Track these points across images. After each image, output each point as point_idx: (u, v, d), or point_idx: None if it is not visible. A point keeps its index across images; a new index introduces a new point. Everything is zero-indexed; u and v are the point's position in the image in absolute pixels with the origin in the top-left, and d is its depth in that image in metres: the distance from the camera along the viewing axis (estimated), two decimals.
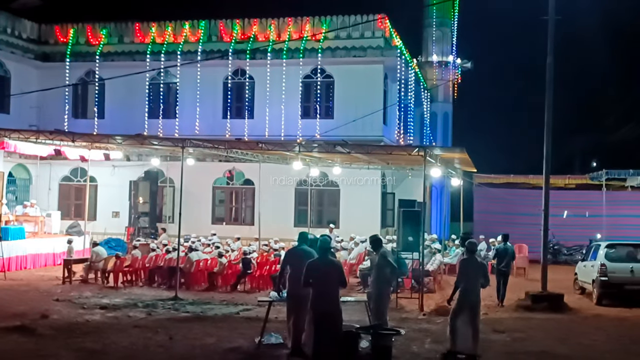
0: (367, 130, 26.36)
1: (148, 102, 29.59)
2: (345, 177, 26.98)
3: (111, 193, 28.76)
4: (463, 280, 11.25)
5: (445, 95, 41.39)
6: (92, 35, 30.54)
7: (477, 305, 11.38)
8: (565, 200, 28.88)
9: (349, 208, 27.36)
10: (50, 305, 15.29)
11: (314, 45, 28.15)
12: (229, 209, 29.36)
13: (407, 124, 32.27)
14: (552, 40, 17.54)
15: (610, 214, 27.60)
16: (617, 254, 18.22)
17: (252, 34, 28.92)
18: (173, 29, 29.73)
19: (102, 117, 29.95)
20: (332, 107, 28.17)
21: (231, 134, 27.71)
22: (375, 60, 27.84)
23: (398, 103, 30.24)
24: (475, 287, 11.33)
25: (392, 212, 28.37)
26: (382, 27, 28.13)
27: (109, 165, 27.99)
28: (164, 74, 29.43)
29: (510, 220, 27.81)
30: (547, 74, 17.62)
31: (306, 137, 26.27)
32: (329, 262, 10.19)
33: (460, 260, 11.55)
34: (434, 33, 40.83)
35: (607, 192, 28.92)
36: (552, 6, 17.44)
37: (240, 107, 29.03)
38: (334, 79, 28.18)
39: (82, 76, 30.55)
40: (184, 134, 27.12)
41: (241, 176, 28.86)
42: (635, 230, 26.81)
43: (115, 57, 30.17)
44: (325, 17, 28.63)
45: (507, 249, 18.12)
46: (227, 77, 28.99)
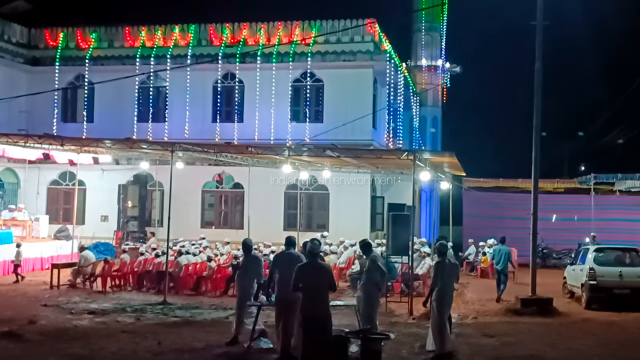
0: (357, 134, 26.39)
1: (137, 106, 29.52)
2: (335, 180, 27.00)
3: (100, 197, 28.64)
4: (439, 282, 11.61)
5: (434, 100, 41.52)
6: (82, 39, 30.44)
7: (451, 304, 12.08)
8: (554, 204, 29.01)
9: (338, 212, 27.36)
10: (38, 311, 15.20)
11: (304, 50, 28.18)
12: (218, 212, 29.30)
13: (397, 128, 32.34)
14: (541, 45, 17.64)
15: (599, 218, 27.74)
16: (606, 258, 18.31)
17: (242, 38, 28.92)
18: (163, 33, 29.67)
19: (92, 121, 29.83)
20: (322, 111, 28.18)
21: (221, 138, 27.67)
22: (365, 65, 27.88)
23: (387, 107, 30.29)
24: (451, 287, 11.95)
25: (381, 215, 28.40)
26: (372, 31, 28.19)
27: (98, 169, 27.88)
28: (153, 78, 29.36)
29: (500, 224, 27.85)
30: (536, 79, 17.71)
31: (296, 141, 26.27)
32: (318, 266, 10.18)
33: (434, 263, 11.80)
34: (423, 37, 40.96)
35: (595, 196, 29.07)
36: (540, 12, 17.55)
37: (229, 110, 29.00)
38: (323, 83, 28.20)
39: (71, 80, 30.44)
40: (174, 137, 27.09)
41: (230, 180, 28.81)
42: (623, 234, 26.95)
43: (105, 61, 30.09)
44: (315, 22, 28.66)
45: (501, 250, 19.27)
46: (217, 81, 28.97)
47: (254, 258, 12.53)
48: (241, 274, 12.53)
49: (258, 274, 12.19)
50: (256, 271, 12.18)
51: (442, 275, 11.68)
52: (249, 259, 12.44)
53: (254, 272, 12.18)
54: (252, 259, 12.42)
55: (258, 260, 12.51)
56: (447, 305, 11.77)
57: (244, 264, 12.54)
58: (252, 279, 12.16)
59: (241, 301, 12.16)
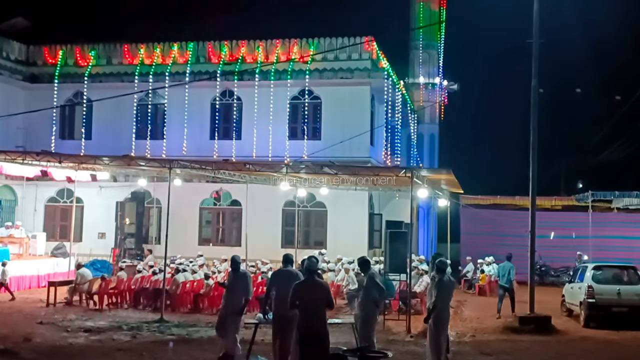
0: (355, 151, 26.42)
1: (136, 123, 29.56)
2: (333, 198, 26.98)
3: (97, 214, 28.59)
4: (440, 299, 11.54)
5: (432, 117, 41.57)
6: (81, 56, 30.54)
7: (449, 322, 12.18)
8: (551, 221, 29.01)
9: (336, 229, 27.32)
10: (34, 328, 15.13)
11: (302, 67, 28.29)
12: (215, 229, 29.26)
13: (394, 145, 32.38)
14: (537, 63, 17.73)
15: (597, 236, 27.71)
16: (604, 276, 18.28)
17: (240, 56, 29.04)
18: (162, 50, 29.78)
19: (90, 138, 29.85)
20: (320, 128, 28.23)
21: (219, 155, 27.69)
22: (363, 82, 27.98)
23: (385, 124, 30.36)
24: (449, 304, 12.04)
25: (379, 233, 28.36)
26: (369, 49, 28.32)
27: (96, 186, 27.85)
28: (152, 95, 29.43)
29: (497, 241, 27.88)
30: (532, 96, 17.79)
31: (293, 158, 26.28)
32: (315, 284, 10.15)
33: (436, 280, 11.73)
34: (421, 55, 41.10)
35: (593, 213, 29.05)
36: (536, 30, 17.66)
37: (227, 128, 29.04)
38: (321, 100, 28.28)
39: (70, 97, 30.49)
40: (172, 154, 27.08)
41: (228, 197, 28.79)
42: (621, 252, 26.92)
43: (104, 78, 30.18)
44: (313, 39, 28.79)
45: (505, 267, 19.48)
46: (215, 98, 29.04)
47: (244, 274, 12.50)
48: (231, 290, 12.37)
49: (247, 290, 12.17)
50: (245, 288, 12.15)
51: (442, 292, 11.60)
52: (238, 275, 12.35)
53: (243, 289, 12.15)
54: (242, 276, 12.36)
55: (247, 277, 12.51)
56: (445, 323, 11.78)
57: (234, 281, 12.36)
58: (241, 295, 12.12)
59: (233, 318, 12.05)
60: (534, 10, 17.71)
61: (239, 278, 12.29)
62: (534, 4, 17.60)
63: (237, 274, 12.37)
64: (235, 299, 12.13)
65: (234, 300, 12.15)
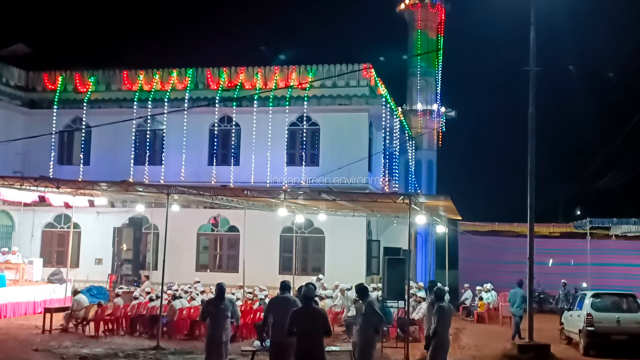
0: (353, 177, 26.47)
1: (134, 148, 29.60)
2: (331, 224, 26.93)
3: (95, 240, 28.51)
4: (440, 326, 11.48)
5: (429, 143, 41.73)
6: (80, 82, 30.68)
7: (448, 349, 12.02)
8: (550, 248, 28.95)
9: (334, 255, 27.24)
10: (29, 355, 14.99)
11: (300, 93, 28.42)
12: (213, 256, 29.16)
13: (392, 172, 32.43)
14: (534, 90, 17.84)
15: (595, 263, 27.65)
16: (603, 304, 18.18)
17: (239, 82, 29.19)
18: (161, 77, 29.93)
19: (88, 163, 29.87)
20: (318, 155, 28.29)
21: (217, 181, 27.71)
22: (361, 109, 28.11)
23: (383, 151, 30.44)
24: (448, 331, 11.88)
25: (377, 259, 28.27)
26: (367, 76, 28.49)
27: (93, 212, 27.81)
28: (150, 121, 29.52)
29: (496, 268, 27.82)
30: (529, 123, 17.86)
31: (291, 184, 26.31)
32: (313, 311, 10.09)
33: (436, 307, 11.65)
34: (419, 82, 41.39)
35: (591, 240, 29.02)
36: (533, 57, 17.79)
37: (226, 154, 29.10)
38: (319, 127, 28.38)
39: (68, 123, 30.57)
40: (170, 180, 27.07)
41: (226, 223, 28.74)
42: (620, 279, 26.84)
43: (103, 104, 30.30)
44: (311, 66, 28.98)
45: (516, 293, 19.56)
46: (214, 124, 29.13)
47: (229, 301, 12.44)
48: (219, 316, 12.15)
49: (236, 316, 12.15)
50: (233, 312, 12.10)
51: (443, 319, 11.53)
52: (225, 301, 12.22)
53: (231, 313, 12.07)
54: (228, 302, 12.28)
55: (233, 302, 12.48)
56: (446, 351, 11.71)
57: (222, 308, 12.17)
58: (229, 322, 12.04)
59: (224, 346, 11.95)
60: (530, 38, 17.86)
61: (226, 304, 12.14)
62: (531, 32, 17.77)
63: (224, 300, 12.21)
64: (225, 324, 12.02)
65: (224, 324, 12.03)
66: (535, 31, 17.74)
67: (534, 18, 17.70)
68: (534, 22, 17.68)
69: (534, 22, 17.68)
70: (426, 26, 41.91)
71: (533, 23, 17.67)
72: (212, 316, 12.07)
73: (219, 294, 12.23)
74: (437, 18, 42.46)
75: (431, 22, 42.17)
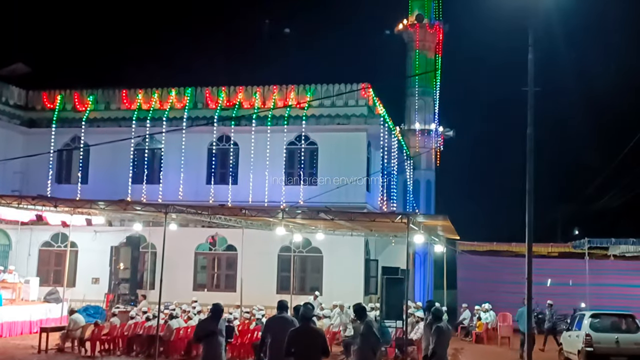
0: (351, 196, 26.46)
1: (132, 167, 29.61)
2: (329, 243, 26.89)
3: (92, 259, 28.42)
4: (439, 346, 11.43)
5: (427, 163, 41.84)
6: (79, 101, 30.74)
7: None
8: (548, 268, 28.84)
9: (332, 275, 27.17)
10: None
11: (299, 113, 28.50)
12: (210, 275, 29.06)
13: (390, 191, 32.44)
14: (532, 111, 17.85)
15: (594, 283, 27.56)
16: (602, 324, 18.11)
17: (238, 101, 29.26)
18: (159, 96, 30.01)
19: (86, 182, 29.86)
20: (316, 174, 28.31)
21: (215, 200, 27.69)
22: (359, 128, 28.18)
23: (381, 170, 30.47)
24: (446, 352, 11.81)
25: (375, 279, 28.18)
26: (366, 95, 28.59)
27: (91, 231, 27.75)
28: (149, 140, 29.55)
29: (494, 288, 27.68)
30: (528, 143, 17.86)
31: (290, 203, 26.28)
32: (311, 331, 10.03)
33: (435, 327, 11.59)
34: (417, 102, 41.58)
35: (589, 260, 28.94)
36: (531, 78, 17.84)
37: (224, 173, 29.11)
38: (317, 146, 28.43)
39: (67, 142, 30.61)
40: (168, 199, 27.05)
41: (224, 242, 28.68)
42: (618, 300, 26.73)
43: (101, 123, 30.35)
44: (310, 86, 29.08)
45: (523, 312, 19.14)
46: (212, 143, 29.17)
47: (224, 321, 12.38)
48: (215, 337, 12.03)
49: (230, 334, 12.08)
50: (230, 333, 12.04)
51: (441, 339, 11.50)
52: (221, 322, 12.13)
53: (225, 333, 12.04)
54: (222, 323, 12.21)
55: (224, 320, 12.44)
56: None
57: (219, 329, 12.08)
58: (224, 343, 11.97)
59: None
60: (528, 60, 17.93)
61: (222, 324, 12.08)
62: (529, 54, 17.83)
63: (220, 320, 12.12)
64: (221, 347, 11.94)
65: (220, 348, 11.95)
66: (534, 52, 17.81)
67: (532, 39, 17.78)
68: (532, 44, 17.75)
69: (532, 44, 17.75)
70: (424, 46, 42.22)
71: (531, 44, 17.74)
72: (208, 337, 11.97)
73: (215, 315, 12.15)
74: (435, 38, 42.75)
75: (429, 42, 42.48)
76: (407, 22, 42.74)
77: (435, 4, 43.48)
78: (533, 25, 17.86)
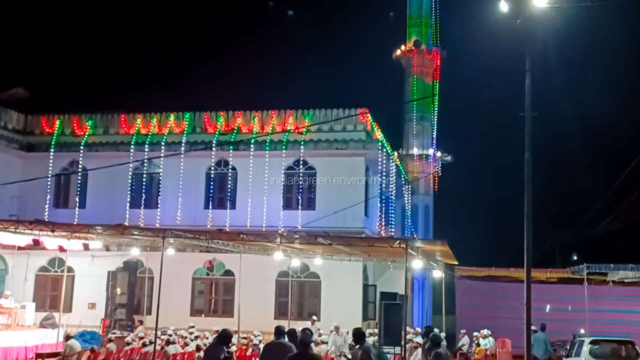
0: (349, 221, 26.40)
1: (130, 192, 29.57)
2: (327, 268, 26.78)
3: (89, 284, 28.26)
4: None
5: (426, 188, 41.84)
6: (78, 126, 30.77)
7: None
8: (547, 294, 28.70)
9: (330, 300, 27.02)
10: None
11: (297, 138, 28.55)
12: (208, 300, 28.90)
13: (389, 216, 32.40)
14: (530, 136, 17.90)
15: (593, 309, 27.43)
16: (601, 350, 18.02)
17: (236, 126, 29.31)
18: (158, 120, 30.06)
19: (84, 207, 29.79)
20: (314, 199, 28.28)
21: (213, 225, 27.63)
22: (357, 153, 28.21)
23: (379, 195, 30.46)
24: None
25: (373, 304, 28.03)
26: (364, 120, 28.67)
27: (88, 256, 27.59)
28: (147, 165, 29.56)
29: (493, 314, 27.52)
30: (526, 169, 17.88)
31: (288, 228, 26.24)
32: (309, 357, 9.94)
33: (433, 353, 11.53)
34: (415, 127, 41.70)
35: (588, 286, 28.83)
36: (528, 103, 17.91)
37: (222, 197, 29.09)
38: (316, 171, 28.44)
39: (65, 166, 30.60)
40: (165, 224, 27.02)
41: (221, 267, 28.57)
42: (618, 326, 26.58)
43: (100, 148, 30.36)
44: (308, 111, 29.17)
45: (539, 338, 19.86)
46: (210, 168, 29.18)
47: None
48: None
49: None
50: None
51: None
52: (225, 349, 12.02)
53: None
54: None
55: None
56: None
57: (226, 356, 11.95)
58: None
59: None
60: (525, 85, 18.02)
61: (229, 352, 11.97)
62: (526, 79, 17.93)
63: (227, 346, 12.01)
64: None
65: None
66: (531, 78, 17.91)
67: (529, 65, 17.89)
68: (530, 69, 17.86)
69: (530, 69, 17.86)
70: (422, 72, 42.46)
71: (528, 70, 17.84)
72: None
73: (222, 341, 11.94)
74: (433, 64, 43.01)
75: (427, 68, 42.72)
76: (405, 47, 43.03)
77: (432, 30, 43.80)
78: (530, 51, 17.99)
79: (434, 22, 43.95)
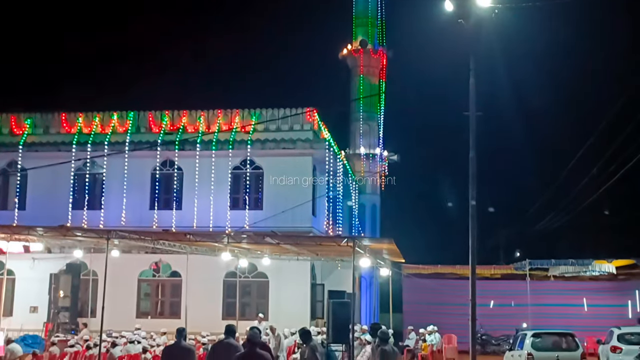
0: (297, 221, 26.39)
1: (73, 193, 28.90)
2: (275, 268, 26.72)
3: (30, 287, 27.52)
4: None
5: (373, 187, 42.13)
6: (16, 125, 29.90)
7: None
8: (491, 290, 29.28)
9: (278, 300, 26.99)
10: None
11: (244, 137, 28.39)
12: (154, 302, 28.52)
13: (336, 215, 32.52)
14: (474, 135, 18.20)
15: (535, 303, 28.11)
16: (543, 343, 18.48)
17: (182, 125, 28.96)
18: (101, 120, 29.45)
19: (24, 208, 28.98)
20: (262, 198, 28.18)
21: (159, 225, 27.26)
22: (304, 152, 28.21)
23: (327, 194, 30.54)
24: None
25: (321, 303, 28.14)
26: (311, 120, 28.70)
27: (29, 258, 26.88)
28: (90, 165, 28.95)
29: (439, 310, 27.94)
30: (470, 167, 18.18)
31: (235, 228, 26.08)
32: (257, 356, 9.89)
33: (379, 350, 11.59)
34: (361, 126, 41.95)
35: (531, 281, 29.53)
36: (472, 103, 18.21)
37: (168, 198, 28.71)
38: (263, 170, 28.33)
39: (3, 167, 29.72)
40: (110, 225, 26.51)
41: (168, 268, 28.22)
42: (559, 319, 27.30)
43: (40, 148, 29.53)
44: (255, 110, 29.03)
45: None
46: (155, 168, 28.77)
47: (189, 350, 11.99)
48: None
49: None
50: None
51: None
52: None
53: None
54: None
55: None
56: None
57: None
58: None
59: None
60: (469, 84, 18.32)
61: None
62: (470, 78, 18.23)
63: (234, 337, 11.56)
64: None
65: None
66: (475, 77, 18.21)
67: (473, 64, 18.19)
68: (473, 68, 18.16)
69: (473, 68, 18.16)
70: (368, 72, 42.71)
71: (472, 69, 18.15)
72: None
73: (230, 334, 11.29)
74: (379, 64, 43.32)
75: (373, 67, 43.00)
76: (351, 47, 43.23)
77: (378, 30, 44.13)
78: (474, 50, 18.29)
79: (380, 21, 44.29)
